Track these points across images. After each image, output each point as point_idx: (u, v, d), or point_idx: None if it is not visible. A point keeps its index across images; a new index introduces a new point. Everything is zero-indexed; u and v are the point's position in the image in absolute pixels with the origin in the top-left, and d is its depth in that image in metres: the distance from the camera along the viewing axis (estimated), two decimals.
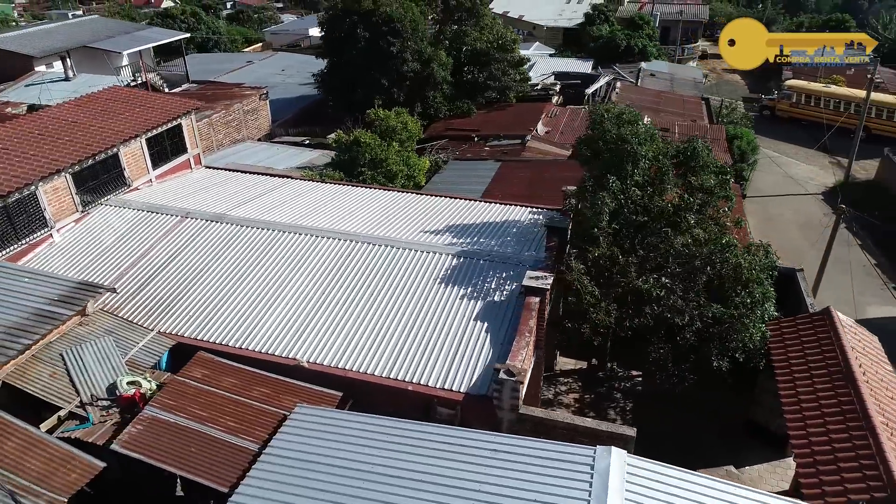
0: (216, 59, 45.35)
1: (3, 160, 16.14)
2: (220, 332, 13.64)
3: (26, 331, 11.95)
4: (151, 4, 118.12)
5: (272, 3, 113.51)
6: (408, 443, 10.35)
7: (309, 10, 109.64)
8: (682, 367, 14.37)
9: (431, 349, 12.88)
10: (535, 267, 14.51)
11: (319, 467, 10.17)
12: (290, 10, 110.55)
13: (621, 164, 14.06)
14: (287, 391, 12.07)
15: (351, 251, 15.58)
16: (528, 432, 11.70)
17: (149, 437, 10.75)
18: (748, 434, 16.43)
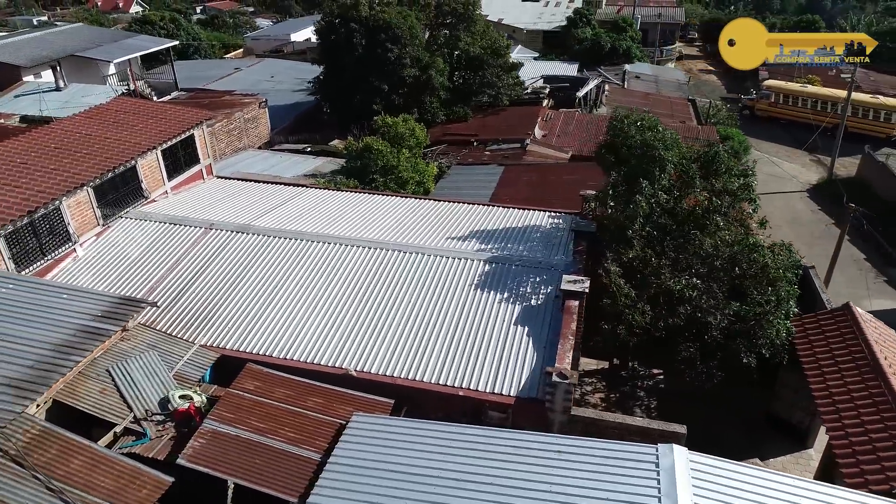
0: (201, 66, 44.90)
1: (25, 175, 15.96)
2: (262, 343, 13.71)
3: (75, 347, 11.87)
4: (119, 9, 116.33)
5: (243, 6, 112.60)
6: (472, 447, 10.58)
7: (283, 15, 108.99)
8: (710, 364, 14.82)
9: (477, 354, 13.13)
10: (567, 271, 14.88)
11: (386, 474, 10.34)
12: (263, 14, 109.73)
13: (649, 168, 14.48)
14: (340, 400, 12.20)
15: (383, 259, 15.74)
16: (579, 433, 12.03)
17: (213, 450, 10.80)
18: (769, 427, 17.01)
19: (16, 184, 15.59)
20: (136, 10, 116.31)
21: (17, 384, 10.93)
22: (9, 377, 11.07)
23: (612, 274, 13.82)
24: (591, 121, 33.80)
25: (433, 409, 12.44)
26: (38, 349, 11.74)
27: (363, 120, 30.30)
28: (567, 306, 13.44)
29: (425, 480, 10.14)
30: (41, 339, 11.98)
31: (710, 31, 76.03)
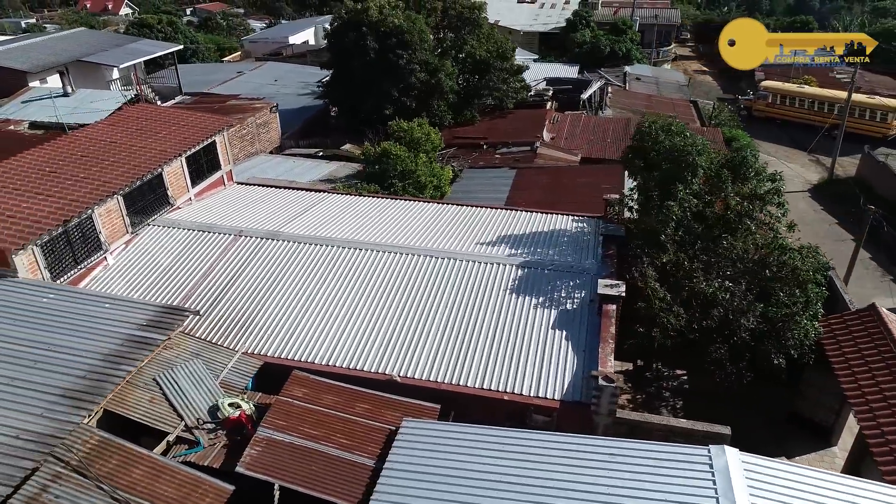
0: (203, 70, 44.76)
1: (56, 184, 15.97)
2: (304, 350, 13.83)
3: (125, 357, 11.94)
4: (109, 11, 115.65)
5: (233, 8, 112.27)
6: (526, 450, 10.77)
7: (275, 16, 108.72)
8: (739, 365, 15.10)
9: (518, 359, 13.33)
10: (599, 275, 15.12)
11: (442, 479, 10.51)
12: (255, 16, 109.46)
13: (681, 173, 14.74)
14: (387, 406, 12.35)
15: (416, 265, 15.90)
16: (624, 435, 12.24)
17: (269, 457, 10.92)
18: (792, 426, 17.33)
19: (48, 193, 15.60)
20: (126, 11, 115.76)
21: (71, 395, 10.99)
22: (62, 388, 11.13)
23: (648, 278, 14.06)
24: (598, 123, 34.11)
25: (477, 414, 12.63)
26: (88, 359, 11.80)
27: (373, 124, 30.45)
28: (605, 310, 13.67)
29: (482, 485, 10.30)
30: (90, 350, 12.05)
31: (703, 31, 76.89)
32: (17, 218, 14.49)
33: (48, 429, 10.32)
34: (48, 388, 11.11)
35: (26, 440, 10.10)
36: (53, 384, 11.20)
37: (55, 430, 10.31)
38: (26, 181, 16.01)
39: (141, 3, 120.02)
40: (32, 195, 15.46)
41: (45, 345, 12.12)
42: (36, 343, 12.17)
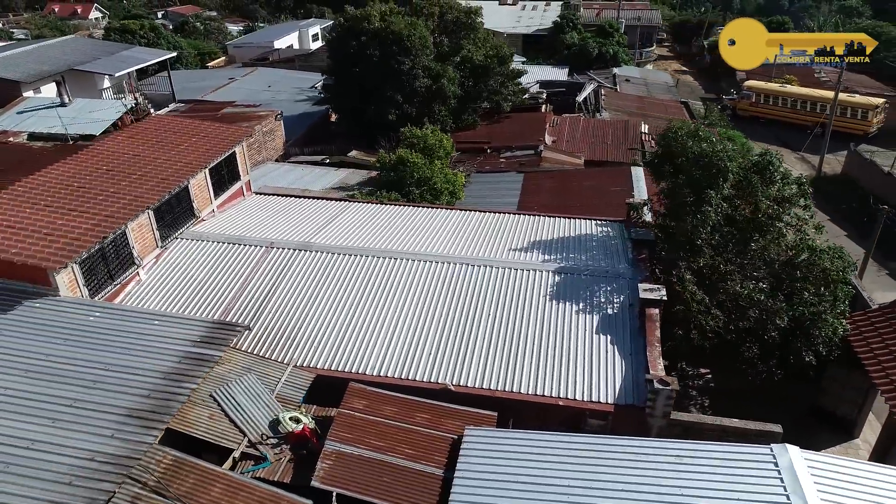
0: (193, 77, 44.27)
1: (88, 200, 15.78)
2: (354, 361, 13.92)
3: (185, 375, 11.92)
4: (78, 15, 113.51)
5: (205, 11, 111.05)
6: (593, 454, 11.03)
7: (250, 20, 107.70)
8: (769, 363, 15.60)
9: (568, 364, 13.61)
10: (634, 279, 15.48)
11: (513, 486, 10.69)
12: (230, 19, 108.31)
13: (713, 178, 15.16)
14: (446, 415, 12.52)
15: (454, 273, 16.08)
16: (677, 435, 12.61)
17: (342, 470, 11.02)
18: (815, 420, 17.92)
19: (81, 209, 15.42)
20: (96, 15, 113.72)
21: (139, 415, 10.96)
22: (128, 408, 11.09)
23: (687, 282, 14.44)
24: (597, 125, 34.62)
25: (531, 420, 12.88)
26: (149, 378, 11.76)
27: (376, 130, 30.54)
28: (648, 314, 14.02)
29: (555, 490, 10.53)
30: (148, 368, 12.00)
31: (679, 32, 78.35)
32: (56, 235, 14.31)
33: (122, 450, 10.28)
34: (113, 409, 11.05)
35: (102, 462, 10.06)
36: (118, 404, 11.15)
37: (130, 451, 10.28)
38: (56, 197, 15.80)
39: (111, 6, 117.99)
40: (66, 211, 15.27)
41: (102, 364, 12.04)
42: (92, 363, 12.09)
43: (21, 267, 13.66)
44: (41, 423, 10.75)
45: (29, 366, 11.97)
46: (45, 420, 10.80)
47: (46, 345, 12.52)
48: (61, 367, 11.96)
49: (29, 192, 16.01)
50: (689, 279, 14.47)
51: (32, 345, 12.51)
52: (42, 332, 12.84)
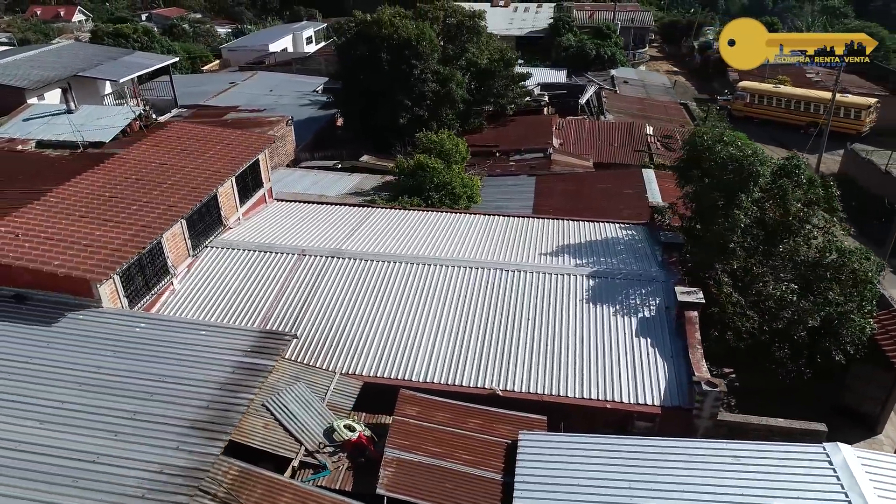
0: (193, 82, 43.97)
1: (122, 209, 15.75)
2: (399, 367, 14.05)
3: (242, 385, 11.95)
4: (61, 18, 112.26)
5: (190, 13, 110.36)
6: (652, 457, 11.25)
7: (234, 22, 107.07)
8: (799, 363, 15.94)
9: (612, 367, 13.83)
10: (668, 282, 15.74)
11: (576, 488, 10.88)
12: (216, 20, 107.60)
13: (744, 182, 15.47)
14: (497, 420, 12.68)
15: (490, 279, 16.24)
16: (723, 436, 12.89)
17: (404, 477, 11.13)
18: (838, 417, 18.30)
19: (117, 219, 15.38)
20: (79, 18, 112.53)
21: (201, 426, 10.98)
22: (189, 419, 11.11)
23: (723, 284, 14.73)
24: (603, 128, 34.96)
25: (578, 423, 13.09)
26: (205, 389, 11.78)
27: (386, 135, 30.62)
28: (688, 317, 14.28)
29: (616, 492, 10.73)
30: (204, 379, 12.02)
31: (668, 32, 79.12)
32: (95, 247, 14.27)
33: (190, 462, 10.31)
34: (174, 421, 11.07)
35: (172, 475, 10.08)
36: (178, 416, 11.17)
37: (198, 462, 10.31)
38: (90, 207, 15.76)
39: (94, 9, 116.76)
40: (102, 222, 15.22)
41: (156, 376, 12.05)
42: (145, 374, 12.09)
43: (63, 279, 13.61)
44: (104, 436, 10.74)
45: (82, 379, 11.95)
46: (107, 434, 10.80)
47: (96, 357, 12.50)
48: (115, 380, 11.95)
49: (62, 202, 15.94)
50: (726, 282, 14.75)
51: (82, 357, 12.48)
52: (90, 345, 12.81)
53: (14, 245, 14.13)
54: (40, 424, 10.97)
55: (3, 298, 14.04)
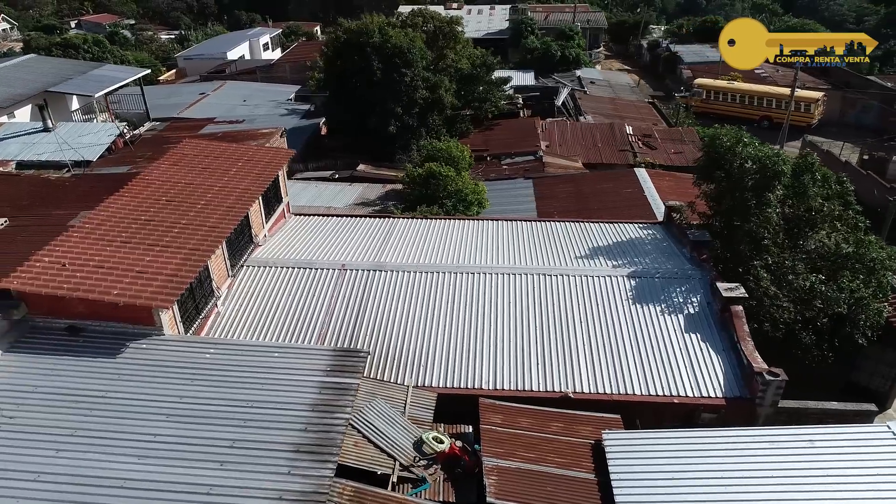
0: (161, 93, 42.62)
1: (163, 233, 15.35)
2: (470, 377, 14.30)
3: (333, 405, 11.94)
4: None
5: (122, 20, 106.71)
6: (736, 447, 11.90)
7: (168, 28, 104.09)
8: (822, 348, 17.02)
9: (669, 362, 14.49)
10: (704, 279, 16.56)
11: (672, 483, 11.41)
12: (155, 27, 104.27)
13: (770, 181, 16.42)
14: (577, 421, 13.12)
15: (537, 284, 16.66)
16: (782, 422, 13.72)
17: (508, 484, 11.42)
18: (849, 394, 19.61)
19: (162, 244, 15.00)
20: (3, 26, 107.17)
21: (307, 449, 10.96)
22: (293, 443, 11.07)
23: (762, 279, 15.62)
24: (584, 129, 35.94)
25: (646, 418, 13.69)
26: (297, 411, 11.74)
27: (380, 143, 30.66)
28: (734, 311, 15.07)
29: (710, 483, 11.33)
30: (292, 402, 11.97)
31: (616, 32, 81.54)
32: (150, 273, 13.92)
33: (307, 486, 10.30)
34: (277, 446, 11.01)
35: (292, 500, 10.05)
36: (279, 441, 11.11)
37: (315, 486, 10.31)
38: (130, 232, 15.31)
39: (19, 17, 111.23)
40: (147, 247, 14.82)
41: (243, 402, 11.92)
42: (231, 401, 11.94)
43: (123, 308, 13.25)
44: (210, 467, 10.60)
45: (167, 410, 11.71)
46: (213, 464, 10.66)
47: (174, 387, 12.26)
48: (201, 409, 11.76)
49: (99, 228, 15.43)
50: (765, 277, 15.64)
51: (160, 388, 12.22)
52: (164, 374, 12.55)
53: (65, 275, 13.65)
54: (139, 460, 10.72)
55: (55, 331, 13.57)
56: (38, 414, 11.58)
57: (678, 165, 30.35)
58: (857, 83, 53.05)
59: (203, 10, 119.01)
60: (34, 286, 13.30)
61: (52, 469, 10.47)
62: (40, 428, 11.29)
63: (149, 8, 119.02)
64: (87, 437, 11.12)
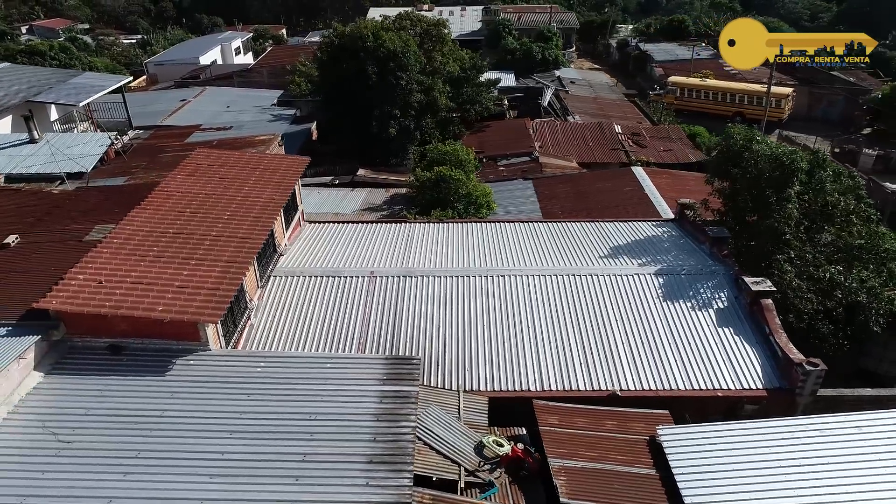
0: (140, 100, 41.49)
1: (196, 246, 15.07)
2: (519, 379, 14.42)
3: (398, 414, 11.90)
4: None
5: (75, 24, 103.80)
6: (792, 436, 12.24)
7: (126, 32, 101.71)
8: (838, 336, 17.69)
9: (707, 357, 14.87)
10: (727, 274, 17.03)
11: (733, 474, 11.70)
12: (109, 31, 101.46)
13: (788, 178, 16.98)
14: (629, 419, 13.37)
15: (567, 285, 16.88)
16: (820, 410, 14.19)
17: (577, 484, 11.58)
18: (860, 380, 20.40)
19: (197, 257, 14.71)
20: None
21: (380, 459, 10.90)
22: (365, 454, 11.00)
23: (786, 273, 16.15)
24: (574, 128, 36.43)
25: (692, 412, 14.02)
26: (363, 422, 11.67)
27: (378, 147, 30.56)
28: (765, 305, 15.54)
29: (768, 473, 11.67)
30: (355, 412, 11.89)
31: (584, 31, 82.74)
32: (191, 287, 13.64)
33: (389, 496, 10.26)
34: (349, 458, 10.93)
35: None
36: (351, 452, 11.03)
37: (396, 496, 10.28)
38: (162, 246, 14.98)
39: None
40: (182, 261, 14.53)
41: (305, 415, 11.80)
42: (292, 415, 11.80)
43: (168, 324, 12.98)
44: (286, 482, 10.47)
45: (230, 426, 11.51)
46: (288, 479, 10.53)
47: (232, 402, 12.06)
48: (265, 424, 11.60)
49: (127, 243, 15.06)
50: (789, 270, 16.18)
51: (218, 404, 12.01)
52: (219, 390, 12.34)
53: (104, 293, 13.29)
54: (211, 478, 10.53)
55: (96, 351, 13.20)
56: (97, 437, 11.27)
57: (673, 163, 31.01)
58: (822, 79, 54.92)
59: (161, 14, 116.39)
60: (74, 305, 12.92)
61: (124, 493, 10.20)
62: (102, 451, 10.99)
63: (103, 12, 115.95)
64: (153, 457, 10.86)
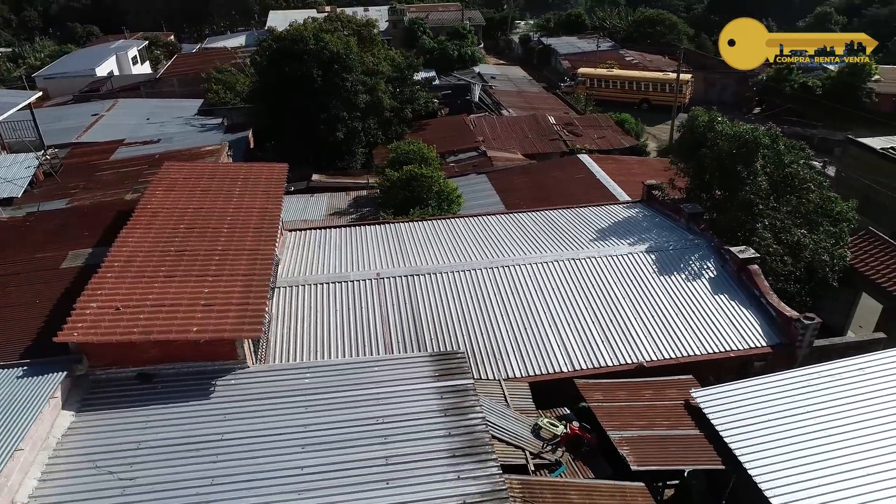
0: (47, 117, 38.24)
1: (207, 263, 14.43)
2: (550, 362, 14.89)
3: (462, 406, 11.95)
4: None
5: None
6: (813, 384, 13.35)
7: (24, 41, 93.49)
8: (803, 294, 19.53)
9: (713, 322, 16.01)
10: (709, 245, 18.37)
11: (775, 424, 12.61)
12: None
13: (752, 154, 18.52)
14: (663, 387, 14.20)
15: (572, 269, 17.55)
16: (815, 360, 15.65)
17: (640, 451, 12.20)
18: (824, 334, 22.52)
19: (211, 274, 14.07)
20: None
21: (463, 453, 10.99)
22: (446, 449, 11.02)
23: (765, 240, 17.64)
24: (510, 122, 37.40)
25: (709, 375, 15.10)
26: (431, 419, 11.66)
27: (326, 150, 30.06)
28: (752, 270, 16.92)
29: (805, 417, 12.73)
30: (420, 411, 11.86)
31: (485, 29, 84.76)
32: (219, 305, 13.05)
33: (483, 486, 10.40)
34: (431, 455, 10.93)
35: (478, 503, 10.16)
36: (431, 450, 11.03)
37: (490, 485, 10.43)
38: (170, 266, 14.20)
39: None
40: (198, 279, 13.85)
41: (370, 419, 11.66)
42: (358, 421, 11.63)
43: (203, 345, 12.39)
44: (379, 487, 10.37)
45: (299, 441, 11.20)
46: (379, 483, 10.42)
47: (291, 417, 11.71)
48: (333, 434, 11.36)
49: (129, 266, 14.16)
50: (767, 237, 17.68)
51: (277, 420, 11.62)
52: (272, 406, 11.93)
53: (126, 319, 12.45)
54: (300, 495, 10.25)
55: (123, 381, 12.37)
56: (160, 469, 10.63)
57: (609, 149, 32.60)
58: (713, 65, 59.42)
59: (24, 24, 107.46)
60: (99, 335, 12.04)
61: None
62: (171, 483, 10.40)
63: None
64: (230, 482, 10.41)
